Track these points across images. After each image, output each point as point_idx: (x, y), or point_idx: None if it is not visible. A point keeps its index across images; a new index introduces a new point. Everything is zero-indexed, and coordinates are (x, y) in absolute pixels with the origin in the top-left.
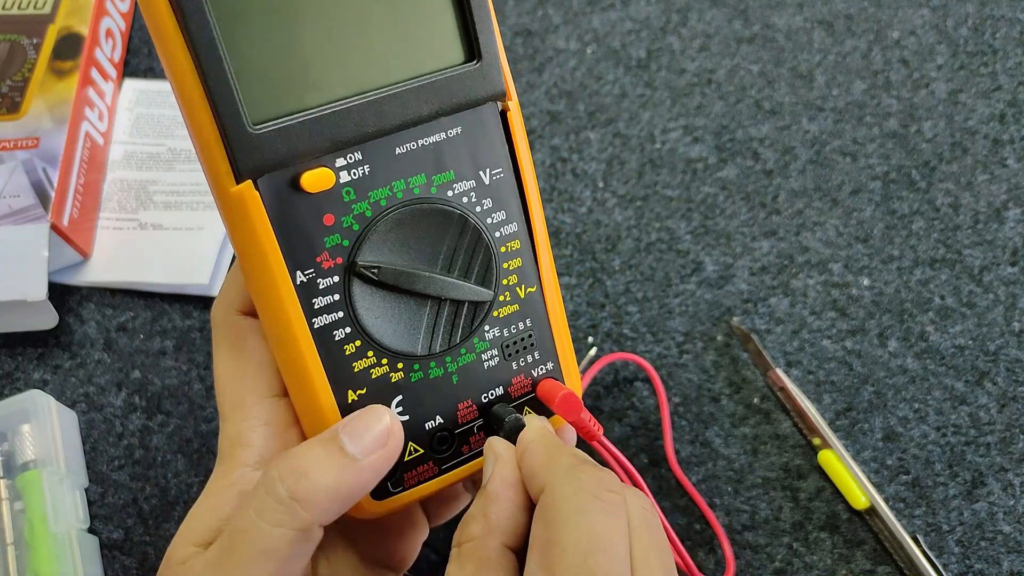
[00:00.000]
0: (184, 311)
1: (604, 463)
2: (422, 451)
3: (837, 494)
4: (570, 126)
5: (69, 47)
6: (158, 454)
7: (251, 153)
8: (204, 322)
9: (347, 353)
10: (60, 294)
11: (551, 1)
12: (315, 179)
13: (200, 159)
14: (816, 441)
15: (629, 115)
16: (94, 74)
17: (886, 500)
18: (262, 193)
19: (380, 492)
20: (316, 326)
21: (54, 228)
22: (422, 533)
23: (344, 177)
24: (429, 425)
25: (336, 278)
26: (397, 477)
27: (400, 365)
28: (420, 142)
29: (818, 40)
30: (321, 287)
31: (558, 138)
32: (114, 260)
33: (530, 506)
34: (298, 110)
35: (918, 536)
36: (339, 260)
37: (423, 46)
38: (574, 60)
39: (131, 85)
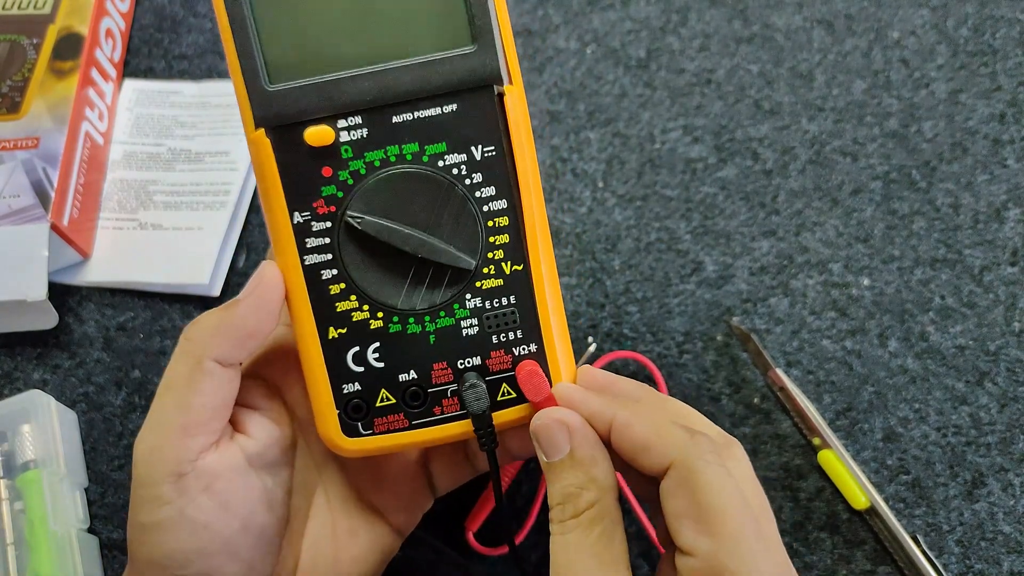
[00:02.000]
0: (184, 311)
1: None
2: (394, 401)
3: (837, 494)
4: (570, 126)
5: (69, 47)
6: None
7: (266, 106)
8: None
9: (332, 293)
10: (60, 294)
11: (551, 1)
12: (317, 135)
13: (238, 107)
14: (816, 441)
15: (629, 115)
16: (94, 74)
17: (886, 500)
18: (272, 141)
19: (351, 431)
20: (307, 263)
21: (54, 228)
22: (423, 498)
23: (344, 137)
24: (402, 377)
25: (329, 224)
26: (367, 420)
27: (380, 314)
28: (416, 114)
29: (818, 40)
30: (315, 229)
31: (558, 138)
32: (114, 260)
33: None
34: (309, 75)
35: (918, 536)
36: (332, 208)
37: (426, 28)
38: (574, 60)
39: (131, 85)
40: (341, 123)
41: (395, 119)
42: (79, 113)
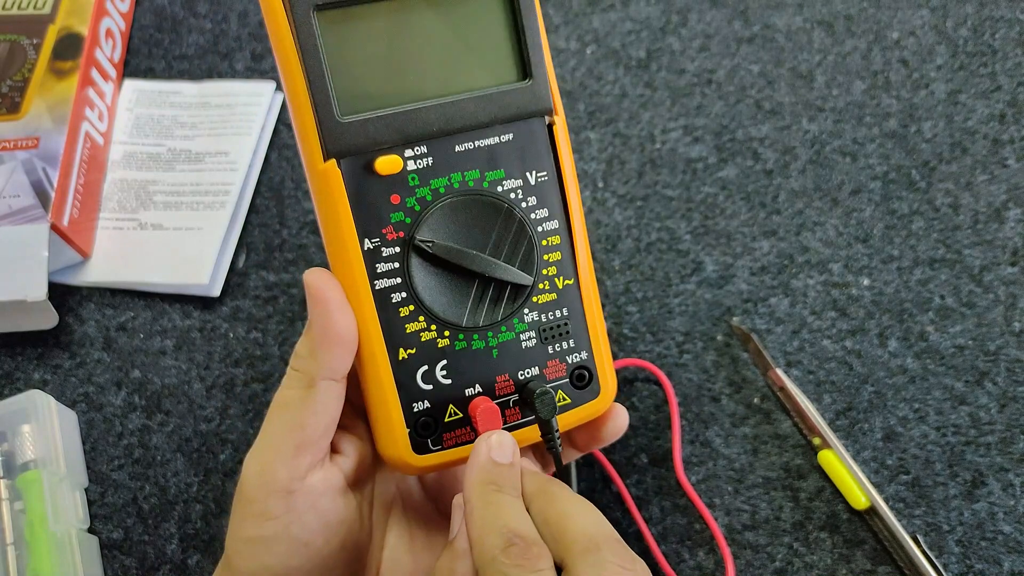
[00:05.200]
0: (184, 311)
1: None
2: (461, 415)
3: (837, 494)
4: (570, 126)
5: (69, 47)
6: (157, 453)
7: (337, 138)
8: (204, 322)
9: (401, 315)
10: (60, 294)
11: (551, 1)
12: (386, 164)
13: (298, 140)
14: (816, 441)
15: (629, 115)
16: (94, 74)
17: (886, 500)
18: (343, 171)
19: (421, 448)
20: (377, 288)
21: (54, 228)
22: None
23: (411, 165)
24: (468, 392)
25: (397, 249)
26: (437, 436)
27: (447, 333)
28: (477, 143)
29: (818, 40)
30: (384, 255)
31: None
32: (114, 260)
33: None
34: (378, 108)
35: (918, 536)
36: (401, 234)
37: (485, 64)
38: (574, 60)
39: (131, 85)
40: (408, 152)
41: (458, 148)
42: (79, 113)
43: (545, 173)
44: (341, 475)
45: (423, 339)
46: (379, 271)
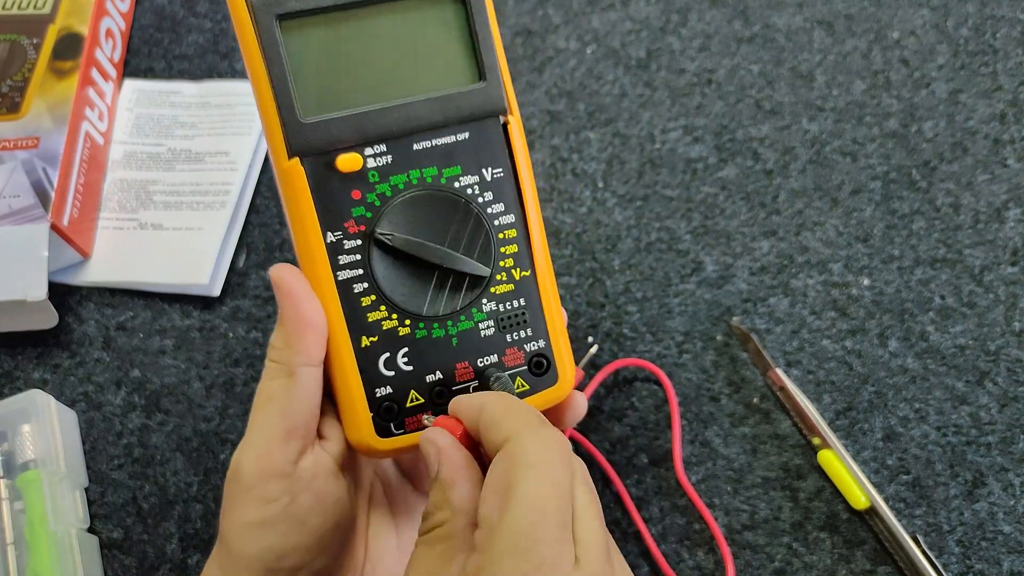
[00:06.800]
0: (184, 311)
1: None
2: (422, 400)
3: (837, 494)
4: (570, 126)
5: (69, 47)
6: (157, 453)
7: (300, 137)
8: (203, 322)
9: (363, 304)
10: (60, 294)
11: (551, 1)
12: (347, 162)
13: (266, 139)
14: (816, 441)
15: (629, 115)
16: (94, 74)
17: (886, 500)
18: (306, 169)
19: (384, 431)
20: (340, 278)
21: (54, 228)
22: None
23: (371, 163)
24: (429, 378)
25: (359, 241)
26: (399, 421)
27: (407, 322)
28: (434, 142)
29: (818, 40)
30: (346, 247)
31: (558, 138)
32: (114, 260)
33: (481, 481)
34: (338, 109)
35: (918, 536)
36: (362, 228)
37: (441, 68)
38: (574, 60)
39: (131, 85)
40: (368, 151)
41: (415, 146)
42: (79, 113)
43: (500, 170)
44: (330, 458)
45: (385, 327)
46: (342, 263)
